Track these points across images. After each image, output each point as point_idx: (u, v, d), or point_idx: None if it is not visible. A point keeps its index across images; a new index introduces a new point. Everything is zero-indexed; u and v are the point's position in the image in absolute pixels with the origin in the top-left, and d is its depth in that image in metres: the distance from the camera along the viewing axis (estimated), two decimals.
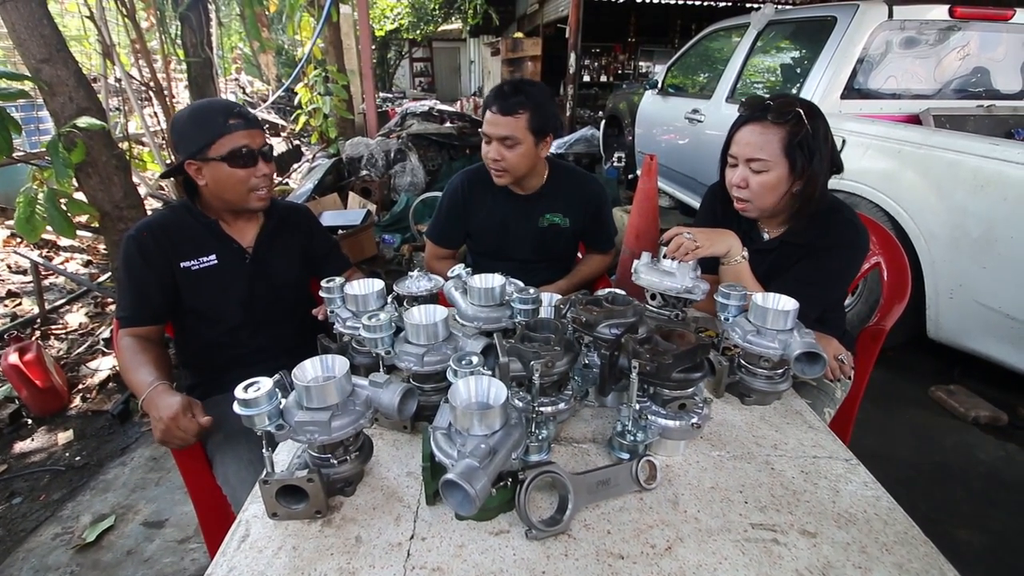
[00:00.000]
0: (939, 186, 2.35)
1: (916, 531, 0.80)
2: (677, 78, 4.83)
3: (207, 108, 1.32)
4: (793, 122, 1.25)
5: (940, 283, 2.37)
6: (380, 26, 14.21)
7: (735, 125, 1.35)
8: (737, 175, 1.34)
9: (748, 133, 1.31)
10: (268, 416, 0.75)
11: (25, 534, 1.82)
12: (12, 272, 3.86)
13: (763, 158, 1.28)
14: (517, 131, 1.55)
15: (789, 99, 1.28)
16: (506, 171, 1.61)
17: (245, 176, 1.31)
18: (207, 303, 1.39)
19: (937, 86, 3.13)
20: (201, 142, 1.26)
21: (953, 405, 2.45)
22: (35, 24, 2.23)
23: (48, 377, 2.38)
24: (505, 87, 1.57)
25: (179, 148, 1.31)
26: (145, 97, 4.02)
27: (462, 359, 0.84)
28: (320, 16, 5.27)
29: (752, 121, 1.30)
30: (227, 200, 1.35)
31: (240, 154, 1.28)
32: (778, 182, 1.29)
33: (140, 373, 1.20)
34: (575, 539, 0.77)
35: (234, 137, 1.27)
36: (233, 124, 1.27)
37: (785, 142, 1.25)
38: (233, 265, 1.40)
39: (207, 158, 1.27)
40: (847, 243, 1.34)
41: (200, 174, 1.31)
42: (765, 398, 1.07)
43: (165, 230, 1.34)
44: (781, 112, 1.25)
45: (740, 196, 1.35)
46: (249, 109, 1.34)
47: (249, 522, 0.80)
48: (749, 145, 1.30)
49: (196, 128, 1.28)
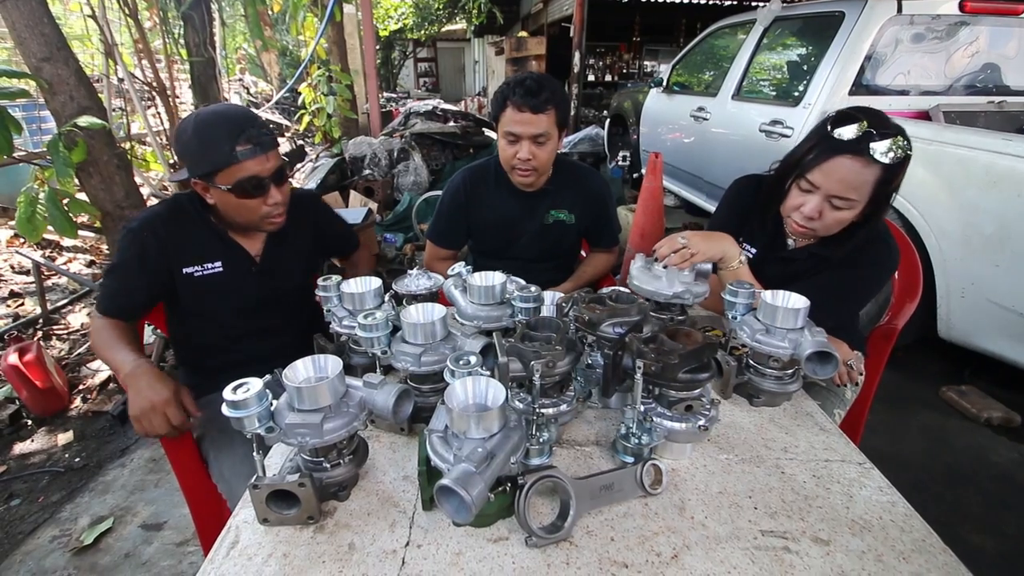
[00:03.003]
0: (950, 183, 2.31)
1: (935, 539, 0.76)
2: (682, 76, 4.79)
3: (212, 126, 1.16)
4: (896, 162, 1.10)
5: (952, 281, 2.33)
6: (384, 26, 14.21)
7: (824, 151, 1.15)
8: (811, 206, 1.18)
9: (844, 168, 1.12)
10: (258, 418, 0.72)
11: (23, 536, 1.81)
12: (15, 272, 3.86)
13: (853, 199, 1.14)
14: (548, 128, 1.50)
15: (888, 128, 1.11)
16: (535, 170, 1.56)
17: (255, 205, 1.21)
18: (209, 309, 1.33)
19: (947, 82, 3.08)
20: (207, 167, 1.16)
21: (965, 406, 2.40)
22: (36, 23, 2.22)
23: (48, 378, 2.36)
24: (529, 82, 1.48)
25: (184, 163, 1.21)
26: (148, 97, 4.01)
27: (459, 359, 0.81)
28: (323, 16, 5.25)
29: (851, 153, 1.11)
30: (237, 222, 1.27)
31: (249, 186, 1.18)
32: (853, 217, 1.18)
33: (120, 351, 1.16)
34: (577, 546, 0.74)
35: (243, 167, 1.15)
36: (241, 152, 1.14)
37: (879, 181, 1.12)
38: (240, 273, 1.33)
39: (214, 185, 1.18)
40: (877, 263, 1.26)
41: (207, 193, 1.22)
42: (774, 399, 1.03)
43: (169, 231, 1.25)
44: (886, 151, 1.09)
45: (806, 225, 1.22)
46: (260, 119, 1.23)
47: (239, 528, 0.78)
48: (841, 183, 1.13)
49: (201, 151, 1.16)
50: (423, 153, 5.23)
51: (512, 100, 1.49)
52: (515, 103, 1.48)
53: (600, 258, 1.83)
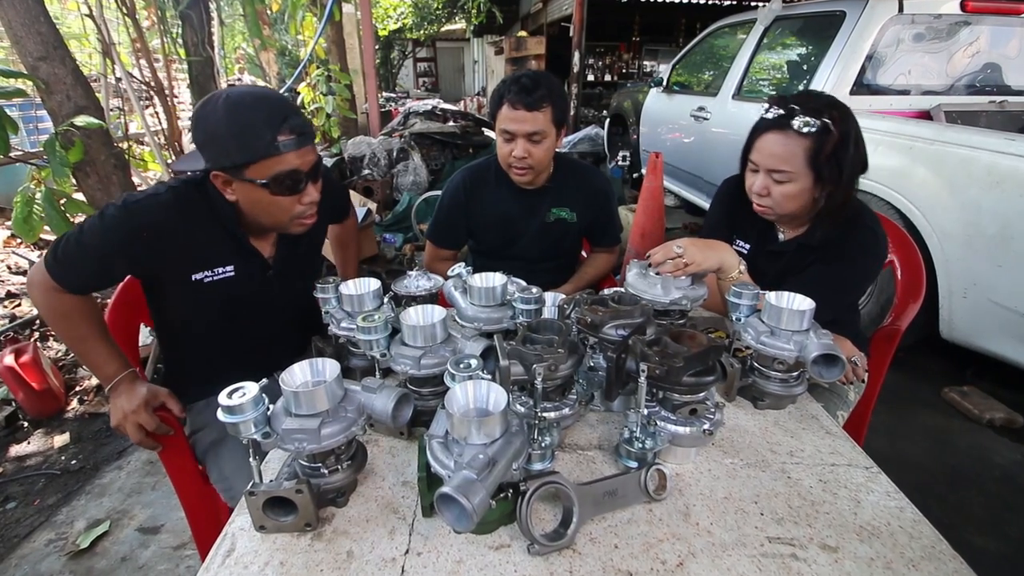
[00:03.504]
0: (952, 183, 2.29)
1: (944, 545, 0.75)
2: (682, 76, 4.78)
3: (251, 113, 1.01)
4: (820, 132, 1.15)
5: (954, 282, 2.31)
6: (383, 26, 14.18)
7: (757, 130, 1.26)
8: (758, 183, 1.26)
9: (771, 142, 1.21)
10: (254, 423, 0.71)
11: (18, 540, 1.79)
12: (11, 273, 3.84)
13: (787, 169, 1.19)
14: (544, 125, 1.49)
15: (816, 104, 1.17)
16: (531, 168, 1.55)
17: (289, 204, 1.08)
18: (215, 315, 1.21)
19: (948, 82, 3.07)
20: (238, 158, 1.01)
21: (967, 407, 2.38)
22: (32, 21, 2.20)
23: (45, 379, 2.35)
24: (524, 80, 1.48)
25: (206, 152, 1.05)
26: (146, 96, 3.99)
27: (460, 362, 0.80)
28: (322, 15, 5.23)
29: (775, 129, 1.20)
30: (261, 223, 1.14)
31: (287, 182, 1.04)
32: (801, 192, 1.21)
33: (96, 352, 1.12)
34: (580, 554, 0.73)
35: (283, 159, 1.02)
36: (283, 142, 1.01)
37: (810, 153, 1.16)
38: (252, 277, 1.20)
39: (244, 178, 1.03)
40: (865, 250, 1.27)
41: (229, 188, 1.07)
42: (779, 402, 1.02)
43: (175, 237, 1.09)
44: (806, 122, 1.15)
45: (761, 204, 1.28)
46: (302, 112, 1.11)
47: (235, 535, 0.76)
48: (773, 156, 1.20)
49: (235, 141, 1.01)
50: (422, 153, 5.22)
51: (507, 97, 1.49)
52: (510, 100, 1.48)
53: (601, 258, 1.82)
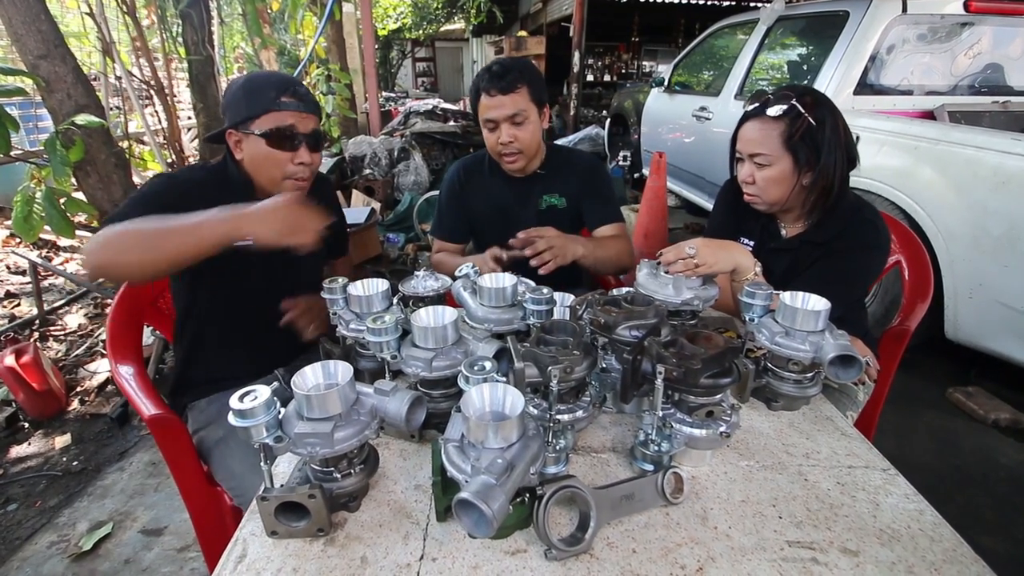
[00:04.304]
0: (958, 183, 2.29)
1: (966, 548, 0.74)
2: (684, 76, 4.77)
3: (263, 79, 1.22)
4: (791, 116, 1.23)
5: (959, 283, 2.31)
6: (383, 25, 14.14)
7: (740, 121, 1.35)
8: (744, 171, 1.34)
9: (749, 129, 1.31)
10: (266, 427, 0.69)
11: (20, 542, 1.77)
12: (11, 273, 3.82)
13: (764, 152, 1.27)
14: (523, 105, 1.50)
15: (788, 92, 1.26)
16: (520, 152, 1.55)
17: (283, 159, 1.21)
18: (228, 287, 1.26)
19: (951, 82, 3.07)
20: (246, 113, 1.18)
21: (972, 407, 2.38)
22: (32, 19, 2.19)
23: (45, 380, 2.33)
24: (495, 67, 1.51)
25: (225, 115, 1.24)
26: (146, 95, 3.97)
27: (474, 364, 0.79)
28: (322, 15, 5.21)
29: (753, 116, 1.30)
30: (259, 182, 1.25)
31: (282, 134, 1.19)
32: (782, 176, 1.28)
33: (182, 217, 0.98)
34: (598, 559, 0.71)
35: (282, 115, 1.18)
36: (285, 102, 1.18)
37: (785, 136, 1.24)
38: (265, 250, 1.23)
39: (249, 131, 1.19)
40: (867, 244, 1.29)
41: (239, 147, 1.22)
42: (794, 403, 1.01)
43: (213, 197, 1.08)
44: (776, 107, 1.24)
45: (748, 191, 1.35)
46: (309, 91, 1.27)
47: (247, 541, 0.75)
48: (751, 141, 1.30)
49: (245, 97, 1.19)
50: (423, 152, 5.20)
51: (482, 87, 1.50)
52: (485, 88, 1.50)
53: (608, 242, 1.60)
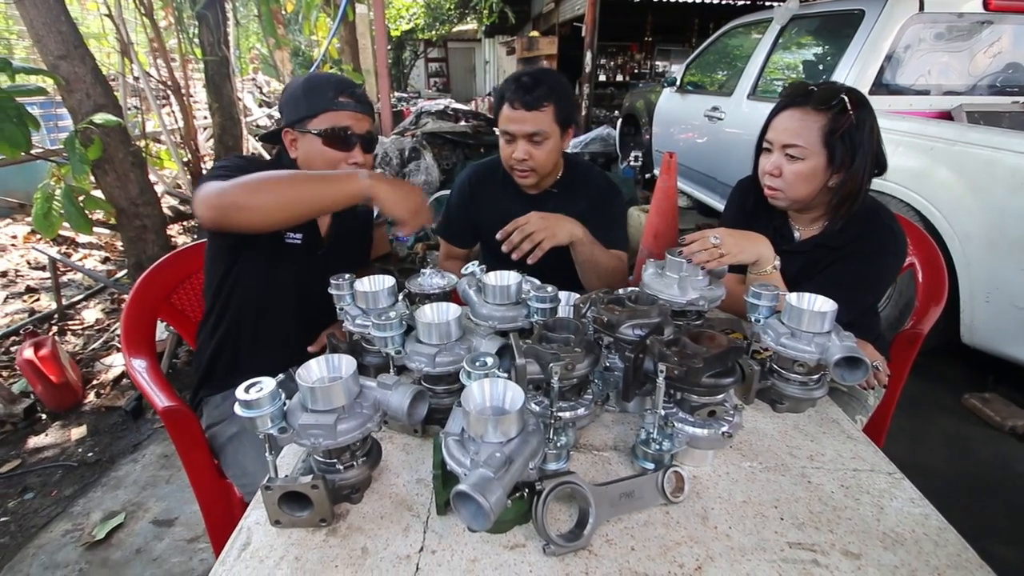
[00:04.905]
0: (975, 184, 2.25)
1: (971, 554, 0.73)
2: (696, 75, 4.74)
3: (322, 79, 1.26)
4: (837, 110, 1.17)
5: (976, 286, 2.27)
6: (396, 26, 14.24)
7: (774, 110, 1.29)
8: (771, 162, 1.27)
9: (787, 118, 1.24)
10: (271, 418, 0.71)
11: (36, 530, 1.81)
12: (31, 268, 3.91)
13: (800, 145, 1.21)
14: (545, 126, 1.43)
15: (835, 86, 1.21)
16: (533, 171, 1.50)
17: (337, 159, 1.23)
18: (263, 286, 1.28)
19: (970, 82, 3.02)
20: (304, 112, 1.21)
21: (988, 414, 2.34)
22: (53, 20, 2.23)
23: (63, 372, 2.38)
24: (524, 79, 1.43)
25: (284, 112, 1.27)
26: (163, 95, 4.04)
27: (476, 360, 0.79)
28: (336, 15, 5.27)
29: (792, 106, 1.23)
30: None
31: (338, 134, 1.22)
32: (813, 173, 1.22)
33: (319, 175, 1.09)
34: (596, 556, 0.72)
35: (339, 115, 1.21)
36: (342, 102, 1.22)
37: (825, 131, 1.18)
38: (311, 249, 1.31)
39: (305, 130, 1.22)
40: (884, 249, 1.25)
41: (294, 146, 1.25)
42: (799, 405, 0.99)
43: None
44: (824, 98, 1.18)
45: (772, 184, 1.28)
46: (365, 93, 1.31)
47: (251, 529, 0.76)
48: (787, 131, 1.23)
49: (304, 96, 1.22)
50: (434, 152, 5.23)
51: (507, 97, 1.44)
52: (509, 100, 1.44)
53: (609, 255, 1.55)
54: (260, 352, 1.32)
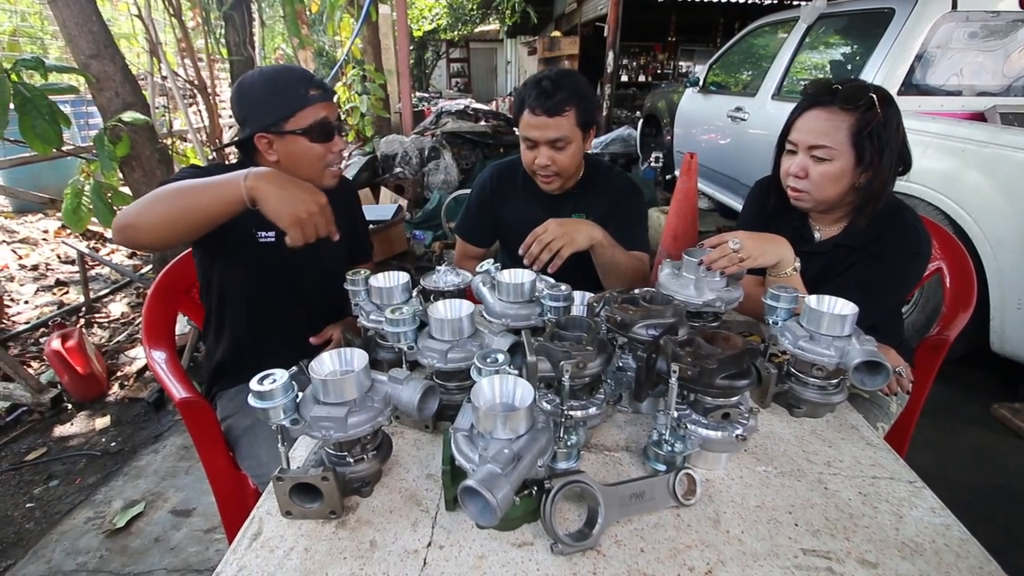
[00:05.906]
0: (1007, 188, 2.18)
1: (994, 566, 0.70)
2: (720, 75, 4.68)
3: (285, 75, 1.21)
4: (865, 108, 1.14)
5: (1007, 292, 2.20)
6: (418, 26, 14.34)
7: (797, 110, 1.25)
8: (796, 164, 1.23)
9: (813, 118, 1.20)
10: (283, 410, 0.71)
11: (60, 516, 1.87)
12: (61, 262, 4.03)
13: (827, 145, 1.17)
14: (567, 131, 1.41)
15: (861, 84, 1.18)
16: (557, 175, 1.48)
17: (322, 151, 1.23)
18: (251, 286, 1.30)
19: (1004, 82, 2.92)
20: (279, 114, 1.18)
21: (1019, 425, 2.26)
22: (84, 20, 2.30)
23: (89, 364, 2.45)
24: (544, 83, 1.40)
25: (249, 119, 1.22)
26: (190, 95, 4.13)
27: (487, 357, 0.79)
28: (359, 16, 5.32)
29: (818, 105, 1.20)
30: (300, 177, 1.22)
31: (321, 128, 1.21)
32: (841, 174, 1.18)
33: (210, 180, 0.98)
34: (605, 556, 0.71)
35: (315, 109, 1.20)
36: (314, 95, 1.20)
37: (854, 130, 1.15)
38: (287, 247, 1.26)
39: (283, 131, 1.19)
40: (908, 249, 1.21)
41: (271, 149, 1.22)
42: (817, 410, 0.98)
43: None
44: (852, 97, 1.14)
45: (797, 186, 1.24)
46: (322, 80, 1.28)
47: (262, 519, 0.77)
48: (813, 132, 1.19)
49: (274, 97, 1.19)
50: (453, 152, 5.25)
51: (528, 102, 1.41)
52: (530, 105, 1.41)
53: (629, 257, 1.55)
54: (265, 348, 1.33)
